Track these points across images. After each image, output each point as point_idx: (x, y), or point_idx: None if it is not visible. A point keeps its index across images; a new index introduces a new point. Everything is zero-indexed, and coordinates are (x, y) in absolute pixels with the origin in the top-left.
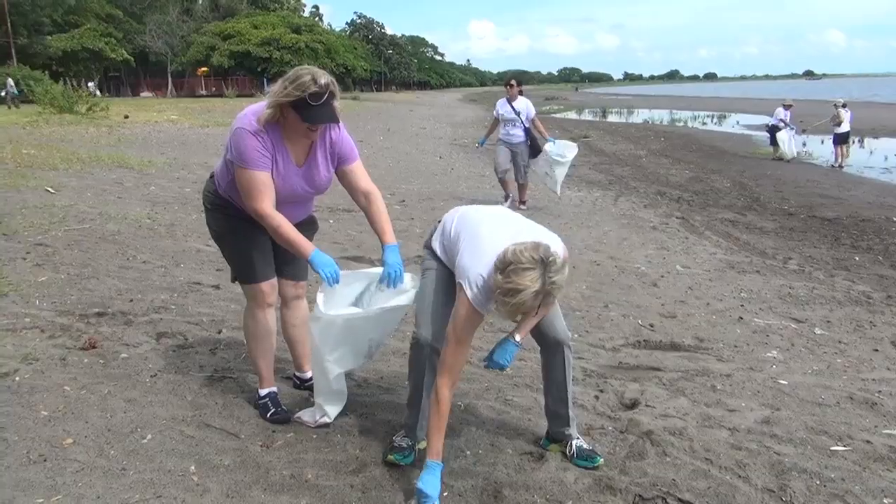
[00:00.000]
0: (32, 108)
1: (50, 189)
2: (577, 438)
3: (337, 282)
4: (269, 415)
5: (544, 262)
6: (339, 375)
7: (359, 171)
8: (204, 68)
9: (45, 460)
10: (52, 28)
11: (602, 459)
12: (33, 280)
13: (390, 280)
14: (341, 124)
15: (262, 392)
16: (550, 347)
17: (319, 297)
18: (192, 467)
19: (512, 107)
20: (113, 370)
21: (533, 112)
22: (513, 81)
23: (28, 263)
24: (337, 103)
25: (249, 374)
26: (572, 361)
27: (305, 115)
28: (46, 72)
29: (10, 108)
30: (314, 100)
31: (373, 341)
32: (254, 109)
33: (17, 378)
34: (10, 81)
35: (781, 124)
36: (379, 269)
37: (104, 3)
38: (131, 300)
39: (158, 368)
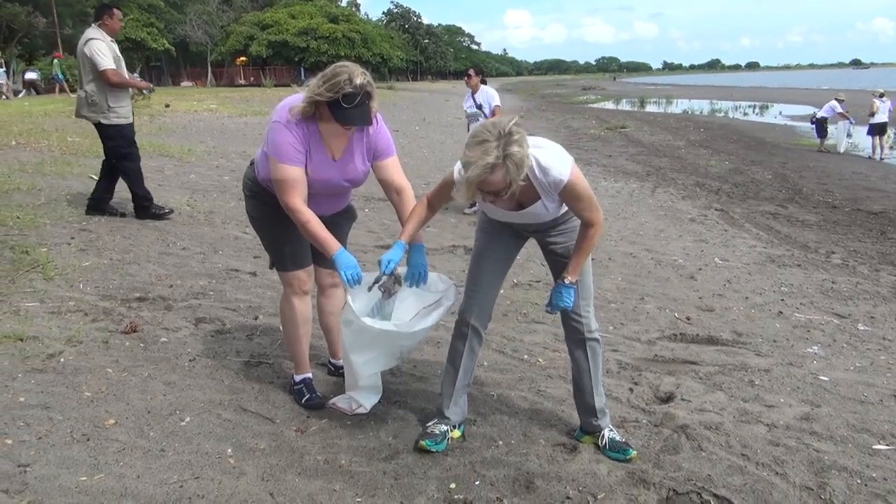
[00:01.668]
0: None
1: (93, 176)
2: (610, 430)
3: (358, 283)
4: (303, 400)
5: (501, 135)
6: (369, 376)
7: (393, 167)
8: (243, 58)
9: (87, 440)
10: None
11: (635, 452)
12: (78, 265)
13: (414, 280)
14: (379, 117)
15: (297, 378)
16: (573, 339)
17: (349, 298)
18: (229, 450)
19: (474, 100)
20: (153, 354)
21: (495, 100)
22: (470, 71)
23: (73, 248)
24: (374, 103)
25: (285, 360)
26: (600, 353)
27: (338, 115)
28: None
29: (59, 94)
30: (347, 101)
31: (405, 347)
32: (290, 102)
33: (62, 359)
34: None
35: (839, 117)
36: (403, 269)
37: None
38: (171, 286)
39: (197, 353)
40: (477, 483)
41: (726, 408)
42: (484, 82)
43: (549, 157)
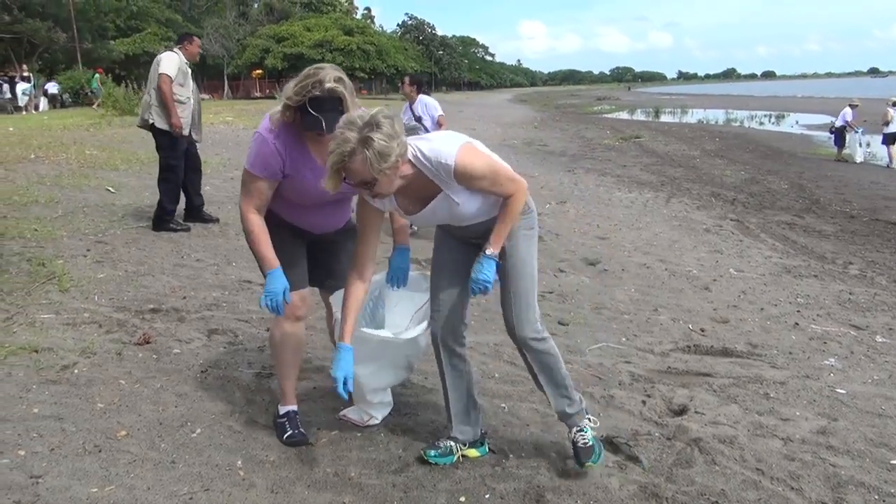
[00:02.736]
0: (96, 111)
1: (110, 189)
2: (579, 430)
3: (275, 312)
4: (284, 436)
5: (365, 125)
6: (376, 390)
7: None
8: (259, 70)
9: (99, 451)
10: (116, 33)
11: (594, 463)
12: (93, 276)
13: (393, 283)
14: None
15: (282, 410)
16: (515, 341)
17: (336, 311)
18: (239, 462)
19: (412, 111)
20: (165, 365)
21: (437, 112)
22: (405, 79)
23: (89, 260)
24: (348, 107)
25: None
26: (547, 355)
27: (304, 121)
28: (109, 74)
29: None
30: (314, 106)
31: (410, 356)
32: (274, 110)
33: (76, 371)
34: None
35: (856, 129)
36: (381, 274)
37: (164, 8)
38: (184, 297)
39: (209, 364)
40: (487, 496)
41: (741, 421)
42: (425, 92)
43: (435, 144)
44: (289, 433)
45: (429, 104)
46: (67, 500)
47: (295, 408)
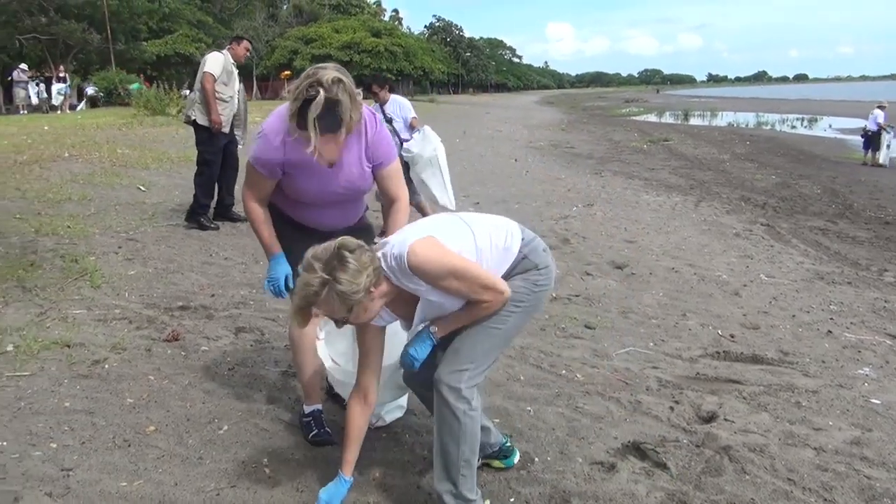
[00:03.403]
0: (127, 111)
1: (141, 187)
2: None
3: (277, 296)
4: (310, 435)
5: (325, 265)
6: (394, 388)
7: (393, 175)
8: (287, 72)
9: (129, 445)
10: (148, 34)
11: None
12: (124, 273)
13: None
14: (378, 120)
15: (307, 409)
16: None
17: (321, 336)
18: (265, 460)
19: (383, 112)
20: (193, 362)
21: (410, 114)
22: (374, 87)
23: (120, 258)
24: (346, 109)
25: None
26: (453, 430)
27: (299, 120)
28: (141, 75)
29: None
30: (310, 108)
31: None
32: (281, 110)
33: (107, 366)
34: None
35: (889, 128)
36: None
37: (195, 10)
38: (213, 295)
39: (236, 362)
40: (512, 500)
41: (771, 429)
42: (391, 90)
43: (401, 236)
44: (314, 432)
45: (402, 105)
46: (97, 494)
47: (319, 406)
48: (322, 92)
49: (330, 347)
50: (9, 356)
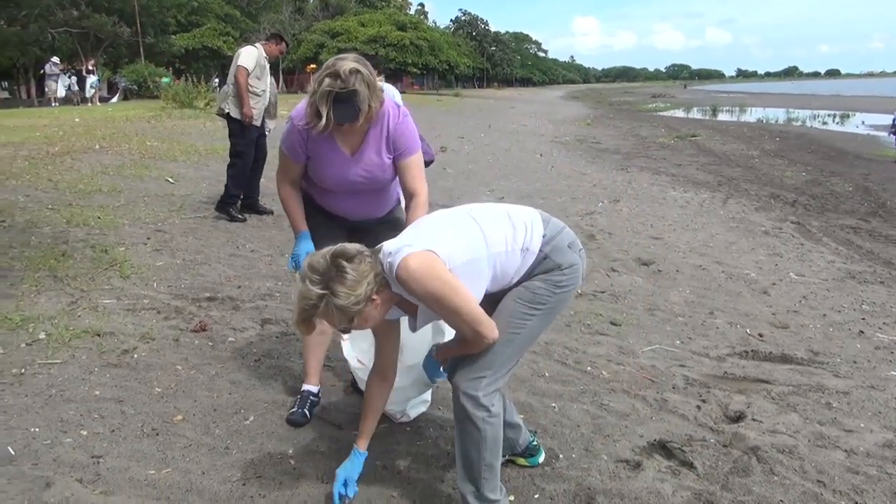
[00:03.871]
0: (156, 103)
1: (170, 179)
2: None
3: (296, 271)
4: (288, 412)
5: (322, 276)
6: (399, 401)
7: (413, 168)
8: (313, 65)
9: (157, 434)
10: (176, 28)
11: None
12: (152, 264)
13: None
14: (403, 111)
15: (303, 388)
16: (454, 407)
17: (344, 338)
18: (290, 451)
19: None
20: (220, 353)
21: (397, 100)
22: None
23: (148, 248)
24: (364, 99)
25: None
26: (476, 438)
27: (318, 109)
28: (170, 68)
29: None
30: (324, 99)
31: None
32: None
33: (136, 355)
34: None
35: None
36: None
37: (223, 3)
38: (239, 286)
39: (262, 353)
40: (536, 496)
41: (801, 430)
42: (379, 72)
43: (405, 238)
44: (291, 410)
45: (389, 92)
46: (127, 481)
47: (312, 388)
48: (338, 82)
49: (354, 346)
50: (41, 344)
